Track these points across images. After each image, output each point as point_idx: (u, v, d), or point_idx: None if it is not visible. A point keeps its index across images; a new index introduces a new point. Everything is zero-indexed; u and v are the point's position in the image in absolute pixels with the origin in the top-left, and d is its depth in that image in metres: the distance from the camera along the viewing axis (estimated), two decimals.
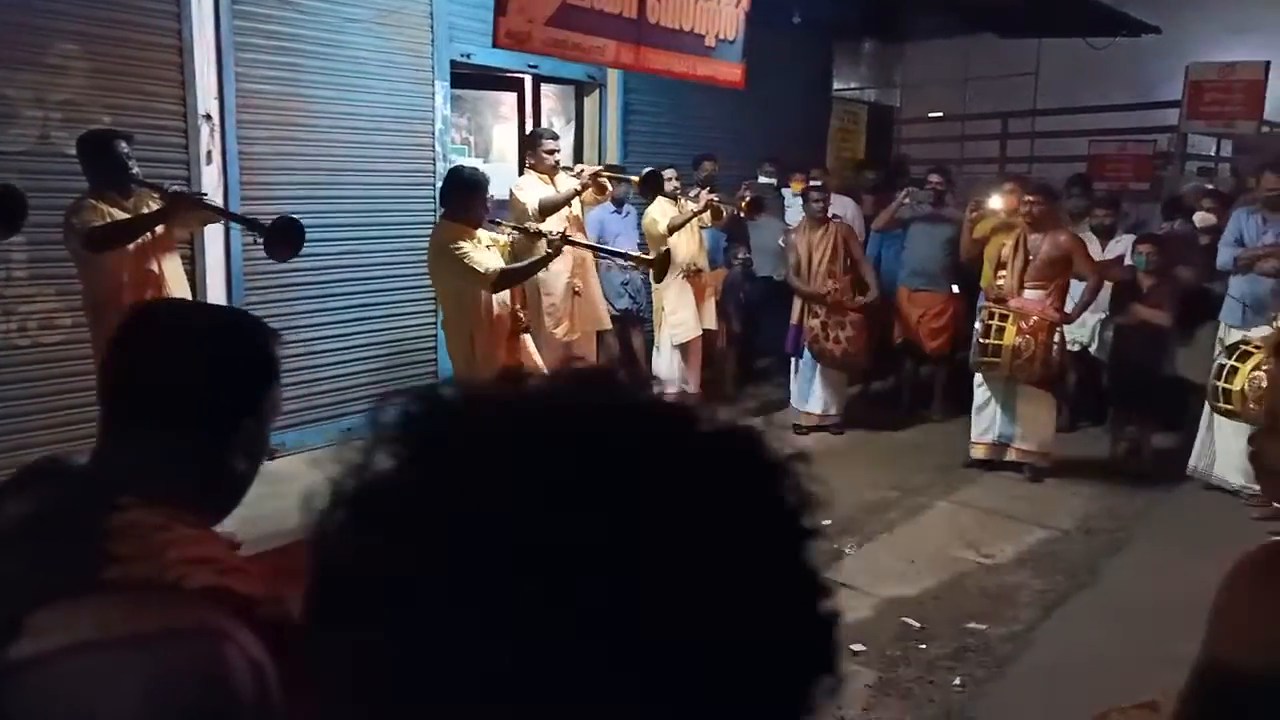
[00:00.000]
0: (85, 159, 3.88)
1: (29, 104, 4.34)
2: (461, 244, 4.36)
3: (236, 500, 1.15)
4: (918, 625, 3.91)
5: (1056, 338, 5.51)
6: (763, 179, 7.47)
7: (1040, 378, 5.57)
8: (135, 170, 3.91)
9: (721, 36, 5.82)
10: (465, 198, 4.48)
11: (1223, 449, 5.46)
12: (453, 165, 5.26)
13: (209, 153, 4.93)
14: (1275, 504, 1.33)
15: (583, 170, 5.74)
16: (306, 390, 5.56)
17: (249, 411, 1.10)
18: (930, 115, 11.49)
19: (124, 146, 3.88)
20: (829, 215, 6.49)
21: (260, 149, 5.16)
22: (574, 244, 4.87)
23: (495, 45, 4.50)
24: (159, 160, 4.59)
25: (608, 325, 6.16)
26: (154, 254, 3.94)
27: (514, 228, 4.76)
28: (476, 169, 4.77)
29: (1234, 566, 1.31)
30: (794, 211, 7.54)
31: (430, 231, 4.77)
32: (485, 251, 4.43)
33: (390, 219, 5.74)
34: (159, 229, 3.91)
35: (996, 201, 6.05)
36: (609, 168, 6.37)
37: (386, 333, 5.83)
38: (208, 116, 4.90)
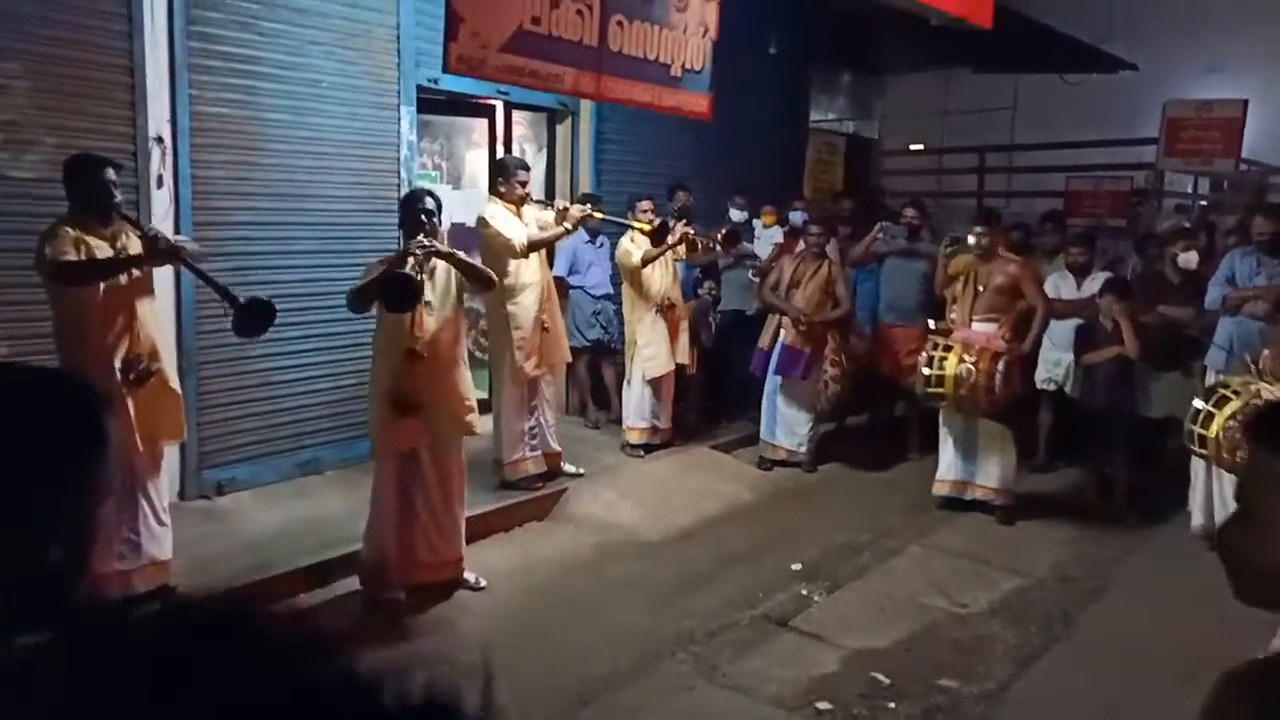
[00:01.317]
0: (69, 182, 3.75)
1: None
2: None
3: (56, 598, 0.97)
4: (886, 681, 3.73)
5: (1001, 366, 5.32)
6: (734, 211, 7.36)
7: (987, 408, 5.42)
8: (119, 199, 3.78)
9: (688, 66, 5.69)
10: (401, 219, 4.38)
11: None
12: None
13: (160, 176, 4.77)
14: (1249, 605, 1.16)
15: (566, 208, 5.56)
16: (262, 423, 5.37)
17: (58, 491, 0.92)
18: (911, 148, 11.46)
19: (111, 174, 3.75)
20: (825, 252, 6.42)
21: (214, 173, 5.00)
22: (440, 254, 4.29)
23: (446, 71, 4.33)
24: None
25: (569, 359, 6.02)
26: (130, 291, 3.78)
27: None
28: (418, 190, 4.47)
29: (1217, 685, 1.16)
30: (763, 245, 7.44)
31: None
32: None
33: (352, 246, 5.56)
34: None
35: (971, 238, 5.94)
36: (585, 197, 6.25)
37: (349, 363, 5.63)
38: (159, 139, 4.74)
